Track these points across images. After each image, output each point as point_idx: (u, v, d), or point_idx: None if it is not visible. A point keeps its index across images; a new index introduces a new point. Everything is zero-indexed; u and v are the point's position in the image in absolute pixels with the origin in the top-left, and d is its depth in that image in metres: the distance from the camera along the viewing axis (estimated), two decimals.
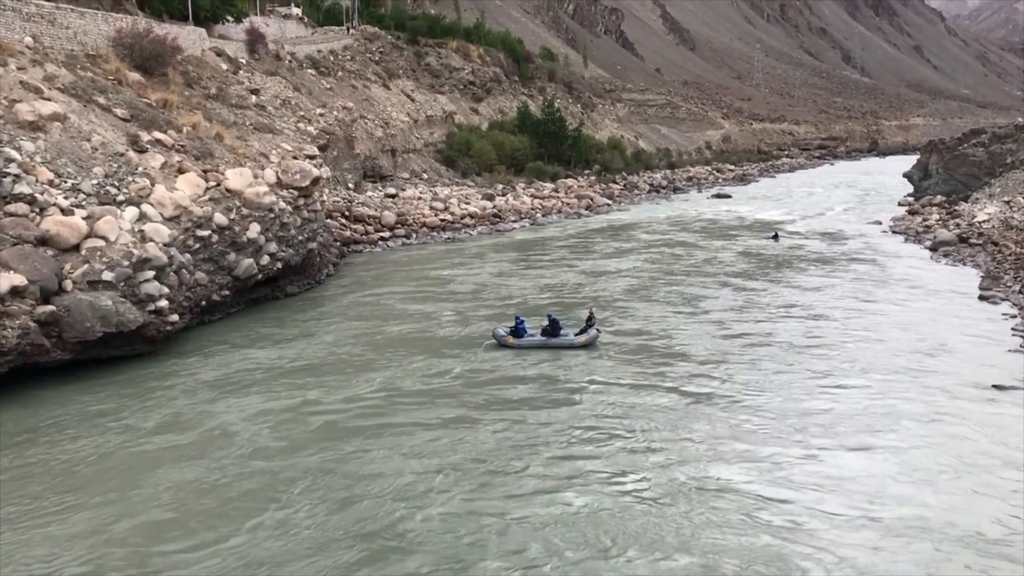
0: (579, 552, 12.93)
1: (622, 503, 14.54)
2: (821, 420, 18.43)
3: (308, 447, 16.93)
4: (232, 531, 13.61)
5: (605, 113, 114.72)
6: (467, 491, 14.97)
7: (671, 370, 22.24)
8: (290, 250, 30.68)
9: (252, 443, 17.13)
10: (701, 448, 16.86)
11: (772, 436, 17.48)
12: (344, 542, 13.25)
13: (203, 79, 38.83)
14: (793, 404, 19.51)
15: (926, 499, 14.59)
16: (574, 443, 17.18)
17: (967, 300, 30.40)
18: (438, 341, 25.37)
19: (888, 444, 16.96)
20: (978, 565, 12.56)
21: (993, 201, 50.22)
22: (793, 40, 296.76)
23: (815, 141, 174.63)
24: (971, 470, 15.69)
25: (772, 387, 20.76)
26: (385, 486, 15.18)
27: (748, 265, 39.63)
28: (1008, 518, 13.79)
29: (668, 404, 19.52)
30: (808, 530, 13.54)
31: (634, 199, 75.54)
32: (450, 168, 68.08)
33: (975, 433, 17.34)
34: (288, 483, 15.30)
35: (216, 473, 15.75)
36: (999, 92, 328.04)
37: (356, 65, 67.75)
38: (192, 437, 17.50)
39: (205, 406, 19.47)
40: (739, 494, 14.79)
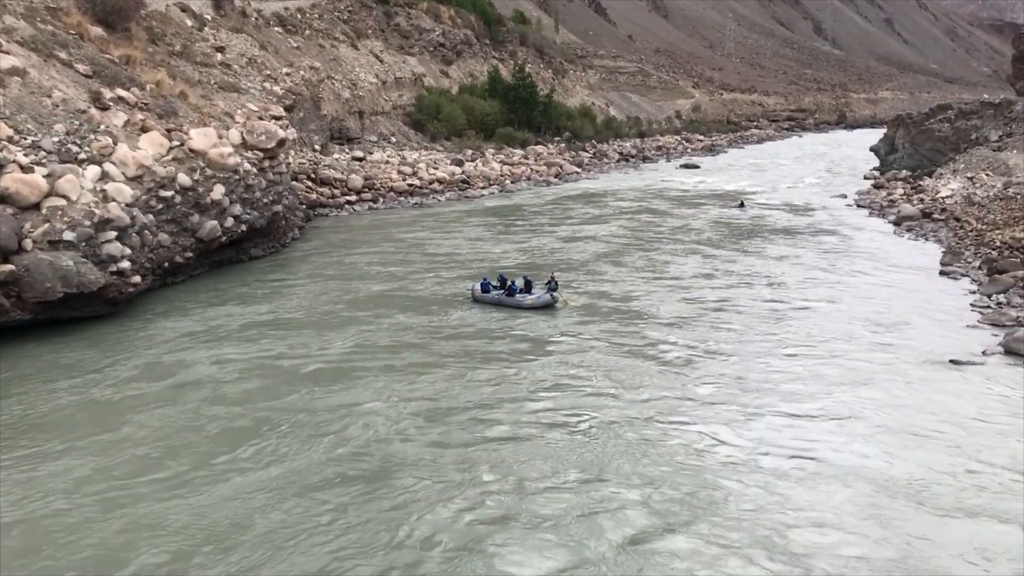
0: (521, 472, 14.47)
1: (565, 437, 15.93)
2: (773, 384, 18.97)
3: (274, 393, 17.76)
4: (202, 470, 14.33)
5: (576, 80, 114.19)
6: (425, 426, 16.26)
7: (633, 329, 23.07)
8: (255, 212, 30.42)
9: (219, 391, 17.79)
10: (649, 398, 17.96)
11: (720, 395, 18.23)
12: (314, 471, 14.34)
13: (167, 35, 38.11)
14: (746, 368, 20.02)
15: (860, 453, 15.36)
16: (528, 388, 18.45)
17: (928, 275, 30.83)
18: (405, 301, 25.80)
19: (836, 410, 17.41)
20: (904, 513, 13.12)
21: (957, 177, 50.78)
22: (766, 10, 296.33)
23: (784, 113, 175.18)
24: (915, 436, 16.13)
25: (728, 351, 21.33)
26: (352, 425, 16.22)
27: (714, 234, 39.98)
28: (938, 473, 14.14)
29: (626, 360, 20.42)
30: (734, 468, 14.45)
31: (603, 168, 75.54)
32: (419, 132, 67.59)
33: (927, 404, 17.69)
34: (257, 424, 16.18)
35: (186, 416, 16.56)
36: (967, 68, 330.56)
37: (324, 24, 66.77)
38: (159, 387, 17.96)
39: (171, 360, 19.77)
40: (679, 438, 15.97)
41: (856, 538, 12.57)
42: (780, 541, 12.42)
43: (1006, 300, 25.89)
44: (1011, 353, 20.78)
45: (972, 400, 17.96)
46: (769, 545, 12.29)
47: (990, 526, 12.96)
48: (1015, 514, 13.26)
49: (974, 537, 12.64)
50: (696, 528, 12.75)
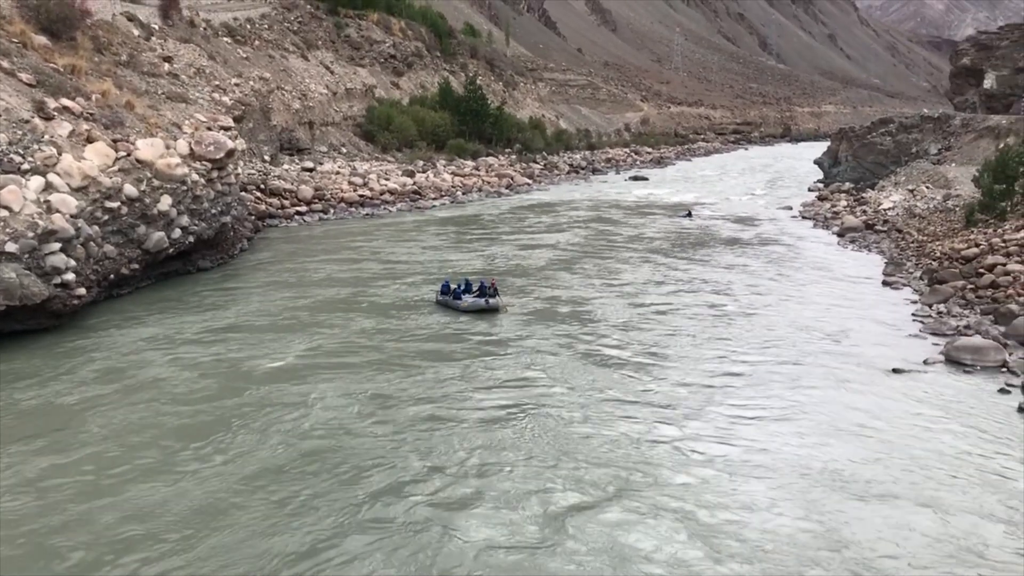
0: (467, 459, 15.53)
1: (507, 429, 16.89)
2: (716, 385, 19.58)
3: (226, 394, 18.37)
4: (158, 467, 14.72)
5: (527, 92, 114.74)
6: (376, 421, 17.06)
7: (582, 332, 24.00)
8: (203, 223, 30.08)
9: (171, 394, 18.15)
10: (593, 395, 18.78)
11: (662, 394, 18.95)
12: (271, 463, 15.04)
13: (114, 45, 37.57)
14: (689, 370, 20.66)
15: (796, 449, 16.07)
16: (476, 386, 19.30)
17: (871, 285, 31.51)
18: (357, 307, 26.19)
19: (778, 411, 17.93)
20: None
21: (898, 189, 51.99)
22: (712, 25, 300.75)
23: (730, 126, 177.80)
24: (852, 435, 16.70)
25: (673, 354, 21.97)
26: (306, 420, 16.89)
27: (662, 243, 40.56)
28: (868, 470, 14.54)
29: (573, 361, 21.37)
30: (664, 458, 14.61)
31: (554, 179, 75.97)
32: (370, 143, 67.36)
33: (867, 408, 18.13)
34: (213, 422, 16.67)
35: (139, 417, 16.77)
36: (907, 82, 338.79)
37: (274, 34, 66.32)
38: (110, 392, 18.15)
39: (120, 366, 19.84)
40: (617, 431, 16.83)
41: (782, 519, 13.38)
42: (705, 519, 13.35)
43: (946, 310, 26.57)
44: (952, 362, 21.34)
45: (911, 405, 18.44)
46: (693, 522, 13.26)
47: (910, 511, 13.74)
48: (936, 502, 14.03)
49: (892, 518, 13.47)
50: (626, 506, 13.68)
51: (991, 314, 25.28)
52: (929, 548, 12.68)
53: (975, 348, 21.47)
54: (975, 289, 27.92)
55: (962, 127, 58.60)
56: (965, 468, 15.30)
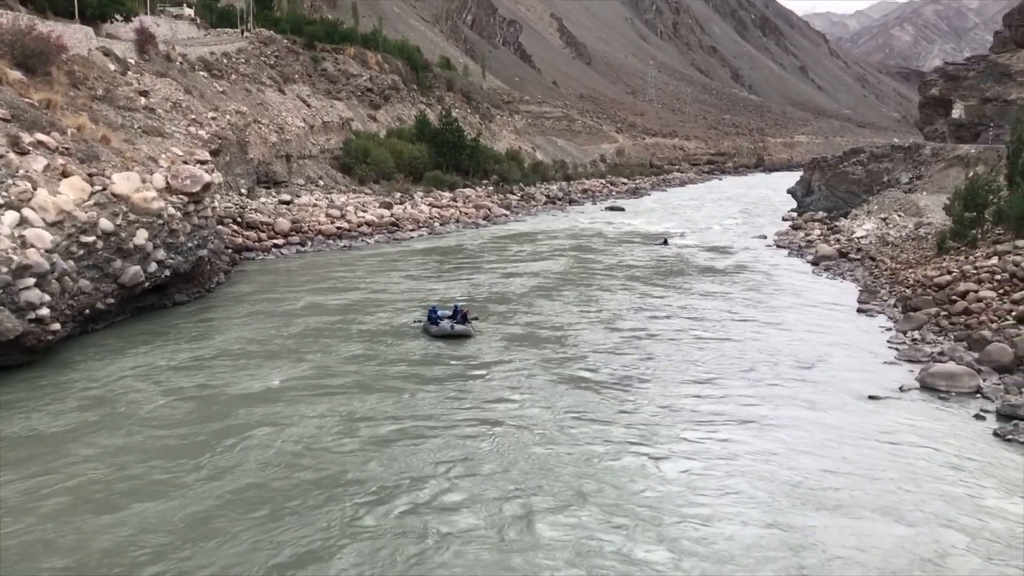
0: (443, 474, 16.13)
1: (482, 447, 17.49)
2: (693, 408, 19.85)
3: (206, 421, 18.33)
4: (142, 489, 14.97)
5: (503, 124, 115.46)
6: (356, 441, 17.52)
7: (560, 357, 24.41)
8: (179, 257, 29.93)
9: (150, 422, 18.31)
10: (570, 416, 19.15)
11: (639, 417, 19.26)
12: (254, 483, 15.45)
13: (90, 79, 37.54)
14: (666, 394, 20.92)
15: (768, 474, 16.15)
16: (456, 408, 19.76)
17: (846, 313, 31.79)
18: (337, 337, 26.31)
19: (753, 438, 18.04)
20: None
21: (871, 218, 52.65)
22: (685, 57, 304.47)
23: (705, 156, 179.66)
24: (828, 458, 16.89)
25: (650, 379, 22.28)
26: (287, 442, 17.26)
27: (639, 272, 40.87)
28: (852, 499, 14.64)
29: (550, 384, 21.70)
30: None
31: (531, 210, 76.30)
32: (347, 175, 67.47)
33: (845, 433, 18.27)
34: (196, 447, 16.87)
35: (121, 442, 16.98)
36: (877, 113, 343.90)
37: (250, 68, 66.48)
38: (92, 419, 18.27)
39: (99, 397, 19.87)
40: (584, 448, 17.32)
41: (748, 531, 13.87)
42: (673, 532, 13.82)
43: (920, 337, 26.84)
44: (927, 388, 21.55)
45: (888, 431, 18.59)
46: (661, 533, 13.79)
47: (882, 528, 14.11)
48: (910, 521, 14.35)
49: (863, 534, 13.85)
50: (596, 516, 14.20)
51: (964, 340, 25.57)
52: (895, 562, 13.01)
53: (949, 374, 21.70)
54: (948, 316, 28.25)
55: (932, 156, 59.55)
56: (940, 491, 15.44)
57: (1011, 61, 64.26)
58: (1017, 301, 26.69)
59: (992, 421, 19.21)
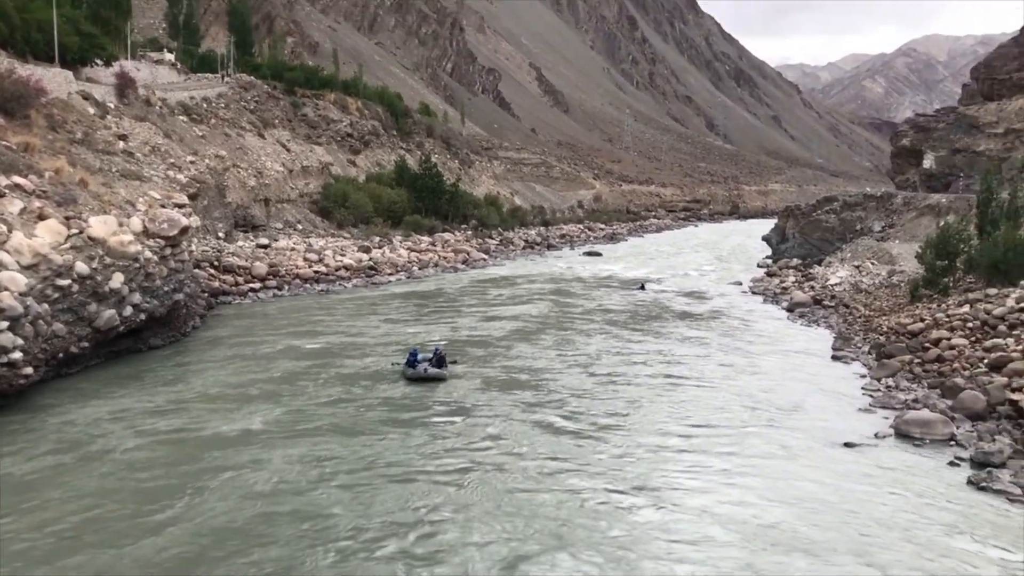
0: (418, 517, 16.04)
1: (454, 492, 17.36)
2: (668, 454, 19.83)
3: (182, 463, 18.26)
4: (120, 532, 14.69)
5: (482, 169, 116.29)
6: (327, 482, 17.58)
7: (535, 401, 24.46)
8: (155, 301, 29.78)
9: (127, 465, 18.20)
10: (540, 460, 19.15)
11: (612, 461, 19.23)
12: (229, 524, 15.37)
13: (68, 123, 37.54)
14: (641, 439, 20.90)
15: (742, 519, 16.03)
16: (428, 449, 19.84)
17: (821, 360, 31.97)
18: (312, 381, 26.12)
19: (727, 484, 18.00)
20: None
21: (844, 265, 53.22)
22: (661, 107, 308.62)
23: (681, 203, 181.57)
24: (804, 509, 16.76)
25: (625, 424, 22.28)
26: (266, 486, 17.18)
27: (616, 316, 41.02)
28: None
29: (525, 427, 21.74)
30: None
31: (510, 254, 76.61)
32: (326, 219, 67.56)
33: (821, 483, 18.25)
34: (172, 488, 16.86)
35: (96, 484, 16.97)
36: (850, 162, 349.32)
37: (230, 113, 66.76)
38: (68, 462, 18.16)
39: (74, 440, 19.65)
40: (557, 491, 17.31)
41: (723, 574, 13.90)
42: (648, 573, 13.88)
43: (895, 384, 27.04)
44: (901, 435, 21.66)
45: (863, 478, 18.58)
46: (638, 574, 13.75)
47: (851, 569, 14.22)
48: (883, 566, 14.33)
49: None
50: (568, 559, 14.23)
51: (938, 388, 25.77)
52: None
53: (924, 422, 21.84)
54: (922, 363, 28.50)
55: (904, 205, 60.44)
56: (914, 538, 15.44)
57: (979, 113, 65.64)
58: (989, 349, 26.98)
59: (966, 468, 19.29)
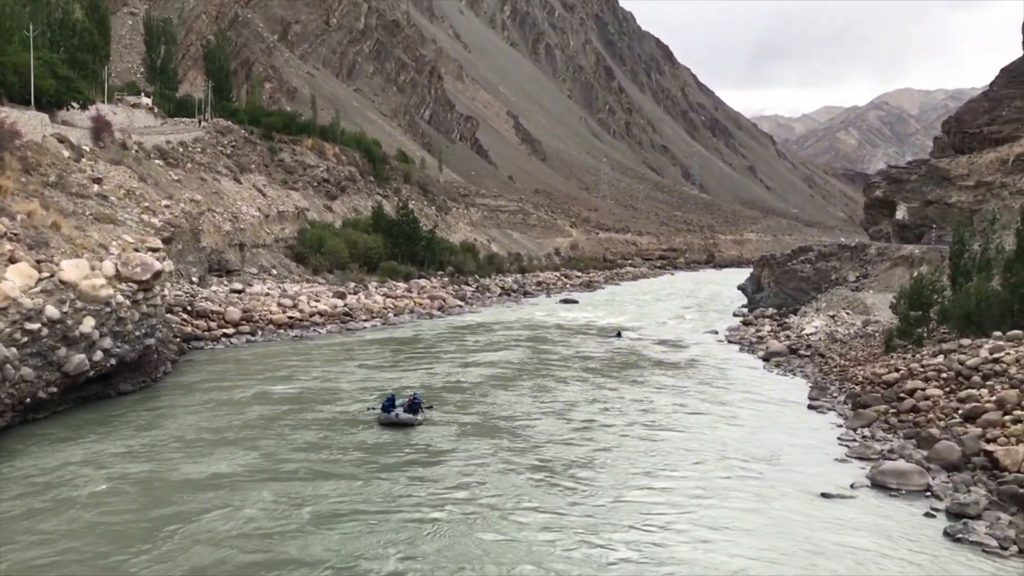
0: None
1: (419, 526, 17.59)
2: (640, 506, 19.66)
3: (154, 507, 18.35)
4: None
5: (459, 216, 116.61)
6: (299, 524, 17.67)
7: (511, 446, 24.53)
8: (126, 346, 29.38)
9: (98, 507, 18.22)
10: (513, 506, 19.11)
11: (586, 509, 19.22)
12: None
13: (42, 166, 37.26)
14: (611, 489, 20.82)
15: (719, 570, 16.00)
16: (401, 494, 19.92)
17: (797, 409, 31.97)
18: (284, 427, 25.97)
19: (703, 534, 17.89)
20: None
21: (820, 315, 53.54)
22: (637, 156, 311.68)
23: (657, 252, 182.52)
24: (781, 560, 16.69)
25: (600, 471, 22.28)
26: (238, 529, 17.25)
27: (593, 363, 40.99)
28: None
29: (498, 474, 21.78)
30: None
31: (486, 301, 76.51)
32: (301, 264, 67.29)
33: (798, 534, 18.12)
34: (137, 533, 16.81)
35: (67, 527, 16.94)
36: (824, 212, 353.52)
37: (207, 157, 66.68)
38: (38, 506, 18.06)
39: (45, 484, 19.54)
40: (530, 539, 17.27)
41: None
42: None
43: (870, 434, 27.04)
44: (877, 486, 21.60)
45: (840, 529, 18.54)
46: None
47: None
48: None
49: None
50: None
51: (913, 438, 25.79)
52: None
53: (899, 472, 21.80)
54: (897, 413, 28.54)
55: (878, 256, 61.09)
56: None
57: (951, 166, 66.72)
58: (963, 399, 27.07)
59: (942, 519, 19.24)
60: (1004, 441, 23.14)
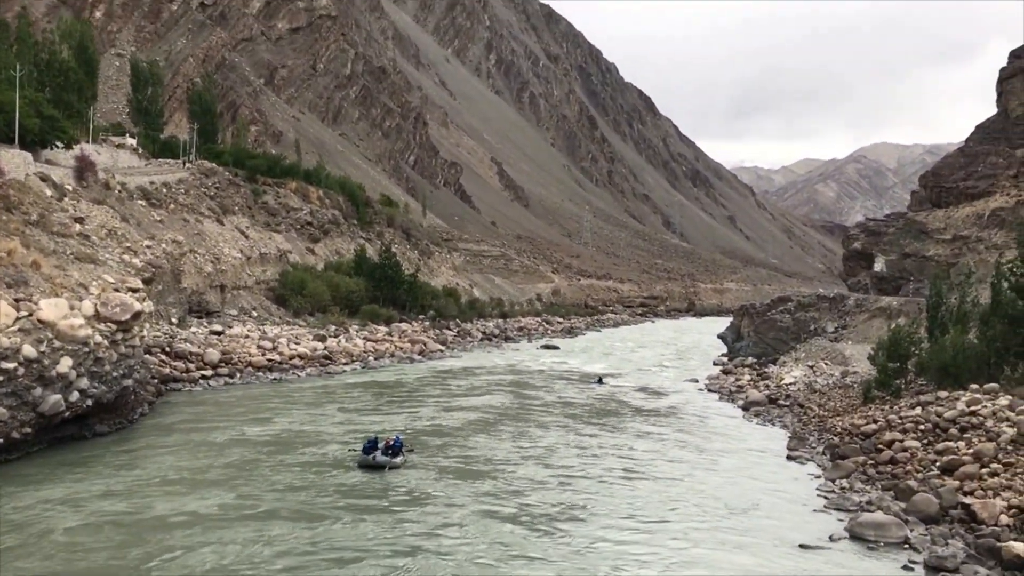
0: None
1: None
2: (619, 557, 19.49)
3: (131, 547, 18.28)
4: None
5: (442, 261, 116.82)
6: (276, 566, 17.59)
7: (487, 491, 24.60)
8: (103, 386, 29.12)
9: (75, 547, 18.10)
10: (491, 552, 19.09)
11: (559, 557, 19.15)
12: None
13: (24, 204, 37.13)
14: (589, 536, 20.79)
15: None
16: (380, 536, 19.90)
17: (776, 459, 31.96)
18: (261, 469, 25.85)
19: None
20: None
21: (799, 365, 53.76)
22: (619, 204, 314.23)
23: (638, 299, 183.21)
24: None
25: (575, 520, 22.18)
26: None
27: (573, 410, 40.92)
28: None
29: (476, 517, 21.81)
30: None
31: (467, 346, 76.42)
32: (282, 307, 67.10)
33: None
34: None
35: (45, 567, 17.00)
36: (803, 263, 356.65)
37: (190, 199, 66.68)
38: (13, 545, 18.03)
39: (21, 524, 19.52)
40: None
41: None
42: None
43: (849, 485, 27.05)
44: (856, 538, 21.57)
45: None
46: None
47: None
48: None
49: None
50: None
51: (892, 490, 25.81)
52: None
53: (878, 524, 21.80)
54: (875, 464, 28.59)
55: (856, 307, 61.60)
56: None
57: (928, 220, 67.72)
58: (940, 452, 27.17)
59: (920, 572, 19.24)
60: (981, 494, 23.20)
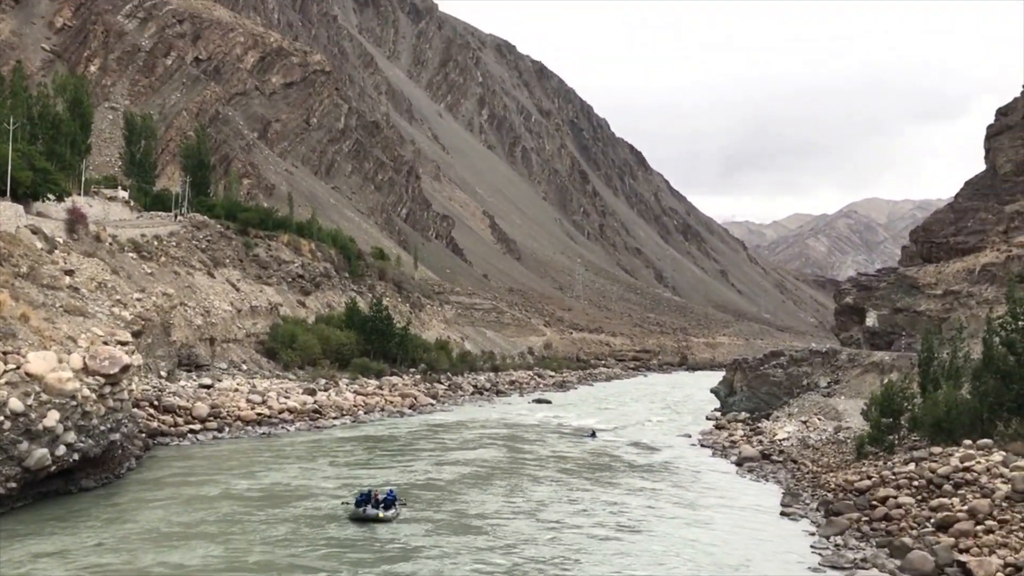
0: None
1: None
2: None
3: None
4: None
5: (433, 313, 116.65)
6: None
7: (477, 545, 24.54)
8: (90, 440, 28.76)
9: None
10: None
11: None
12: None
13: (15, 256, 37.08)
14: None
15: None
16: None
17: (770, 516, 31.66)
18: (248, 529, 25.37)
19: None
20: None
21: (792, 420, 53.52)
22: (611, 257, 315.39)
23: (630, 353, 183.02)
24: None
25: None
26: None
27: (566, 465, 40.66)
28: None
29: (466, 573, 21.74)
30: None
31: (458, 400, 76.03)
32: (272, 360, 66.75)
33: None
34: None
35: None
36: (795, 318, 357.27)
37: (181, 251, 66.66)
38: None
39: None
40: None
41: None
42: None
43: (843, 542, 26.78)
44: None
45: None
46: None
47: None
48: None
49: None
50: None
51: (886, 547, 25.55)
52: None
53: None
54: (870, 521, 28.32)
55: (849, 362, 61.51)
56: None
57: (919, 275, 67.97)
58: (935, 508, 26.95)
59: None
60: (977, 551, 23.00)
